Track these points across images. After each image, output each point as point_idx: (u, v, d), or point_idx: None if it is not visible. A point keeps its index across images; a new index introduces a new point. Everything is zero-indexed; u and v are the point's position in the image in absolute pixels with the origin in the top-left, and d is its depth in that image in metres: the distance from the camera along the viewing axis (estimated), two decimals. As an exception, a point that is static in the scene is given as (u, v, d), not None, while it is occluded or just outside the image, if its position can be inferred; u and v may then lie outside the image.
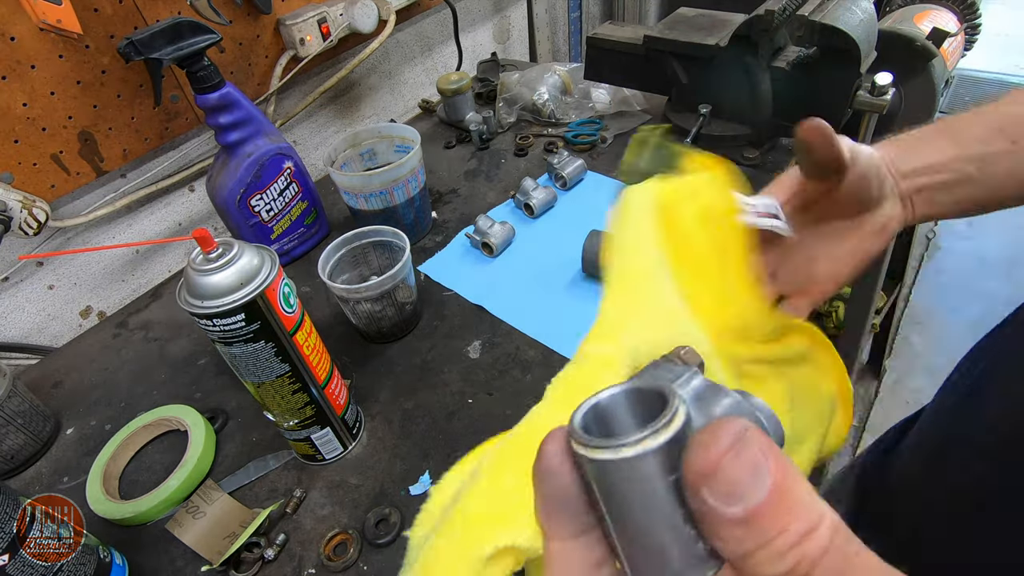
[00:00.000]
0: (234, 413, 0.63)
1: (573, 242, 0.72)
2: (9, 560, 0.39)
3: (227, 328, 0.43)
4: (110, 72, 0.72)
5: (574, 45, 1.55)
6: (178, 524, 0.52)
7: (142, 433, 0.61)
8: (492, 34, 1.33)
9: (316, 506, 0.53)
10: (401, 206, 0.76)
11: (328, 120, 1.04)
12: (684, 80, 0.86)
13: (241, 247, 0.43)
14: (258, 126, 0.72)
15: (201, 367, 0.69)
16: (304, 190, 0.79)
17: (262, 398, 0.49)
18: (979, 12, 1.18)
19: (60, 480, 0.59)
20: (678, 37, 0.83)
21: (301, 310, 0.48)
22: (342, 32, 0.91)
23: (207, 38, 0.64)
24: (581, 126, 0.98)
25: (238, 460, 0.58)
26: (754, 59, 0.77)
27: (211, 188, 0.74)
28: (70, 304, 0.79)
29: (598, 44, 0.93)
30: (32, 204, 0.68)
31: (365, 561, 0.49)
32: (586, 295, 0.69)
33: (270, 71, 0.88)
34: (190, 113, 0.81)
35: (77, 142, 0.72)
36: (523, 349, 0.64)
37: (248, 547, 0.50)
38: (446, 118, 1.07)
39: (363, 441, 0.58)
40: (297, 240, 0.81)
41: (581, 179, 0.88)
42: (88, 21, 0.68)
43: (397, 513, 0.51)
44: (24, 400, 0.61)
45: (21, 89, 0.66)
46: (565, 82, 1.05)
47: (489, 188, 0.91)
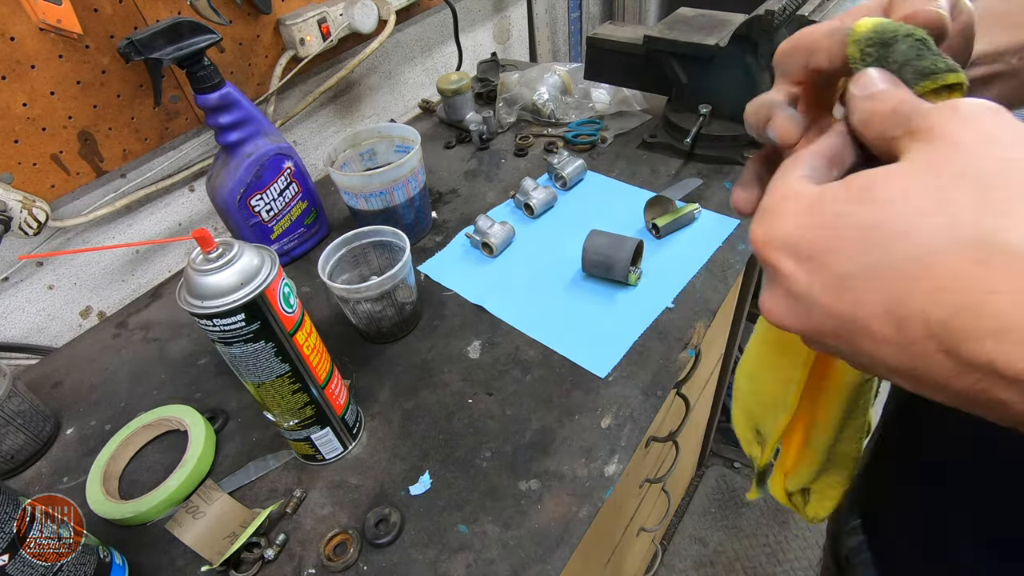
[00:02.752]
0: (234, 413, 0.63)
1: (573, 242, 0.72)
2: (9, 560, 0.39)
3: (227, 328, 0.43)
4: (110, 72, 0.72)
5: (574, 45, 1.55)
6: (178, 524, 0.52)
7: (142, 433, 0.61)
8: (492, 34, 1.33)
9: (316, 506, 0.54)
10: (401, 206, 0.76)
11: (328, 120, 1.04)
12: (684, 80, 0.86)
13: (241, 247, 0.43)
14: (258, 126, 0.72)
15: (201, 367, 0.69)
16: (304, 190, 0.79)
17: (262, 398, 0.49)
18: (979, 12, 1.17)
19: (60, 480, 0.59)
20: (678, 37, 0.83)
21: (301, 310, 0.48)
22: (342, 32, 0.91)
23: (207, 38, 0.64)
24: (581, 126, 0.98)
25: (238, 460, 0.58)
26: (754, 59, 0.77)
27: (211, 188, 0.74)
28: (70, 304, 0.79)
29: (598, 44, 0.93)
30: (32, 204, 0.68)
31: (365, 561, 0.49)
32: (586, 295, 0.70)
33: (270, 71, 0.88)
34: (190, 113, 0.81)
35: (77, 142, 0.72)
36: (523, 349, 0.64)
37: (248, 547, 0.50)
38: (446, 118, 1.07)
39: (363, 441, 0.58)
40: (297, 240, 0.81)
41: (581, 179, 0.88)
42: (88, 21, 0.68)
43: (397, 513, 0.51)
44: (24, 400, 0.61)
45: (21, 89, 0.66)
46: (565, 82, 1.05)
47: (489, 188, 0.91)
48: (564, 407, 0.58)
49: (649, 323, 0.65)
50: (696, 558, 1.40)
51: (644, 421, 0.56)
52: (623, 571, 1.03)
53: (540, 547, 0.48)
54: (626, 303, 0.68)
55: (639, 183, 0.85)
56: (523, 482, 0.52)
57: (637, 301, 0.68)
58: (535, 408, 0.58)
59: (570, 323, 0.66)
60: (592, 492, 0.51)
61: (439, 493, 0.53)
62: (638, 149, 0.93)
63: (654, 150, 0.92)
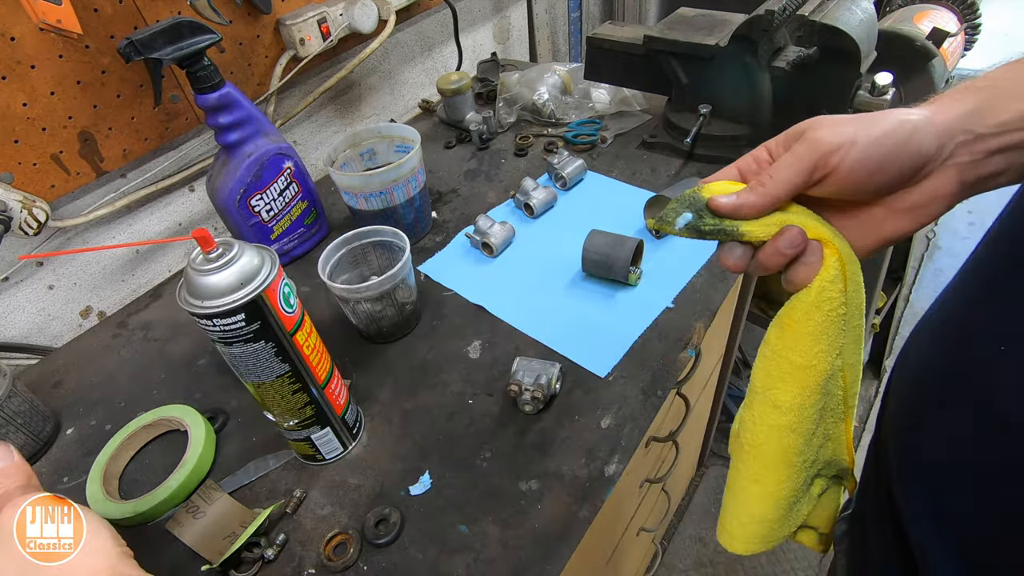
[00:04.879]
0: (234, 413, 0.63)
1: (573, 242, 0.72)
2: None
3: (227, 328, 0.43)
4: (110, 72, 0.72)
5: (574, 45, 1.55)
6: (178, 524, 0.52)
7: (142, 433, 0.61)
8: (492, 34, 1.33)
9: (316, 506, 0.53)
10: (401, 206, 0.76)
11: (328, 120, 1.04)
12: (684, 80, 0.86)
13: (241, 247, 0.43)
14: (258, 126, 0.72)
15: (201, 367, 0.69)
16: (304, 190, 0.79)
17: (262, 398, 0.49)
18: (979, 12, 1.18)
19: (60, 480, 0.59)
20: (678, 37, 0.83)
21: (301, 310, 0.48)
22: (342, 32, 0.91)
23: (207, 38, 0.64)
24: (581, 126, 0.98)
25: (238, 460, 0.58)
26: (754, 59, 0.77)
27: (211, 188, 0.74)
28: (70, 304, 0.79)
29: (598, 44, 0.93)
30: (32, 204, 0.68)
31: (365, 561, 0.49)
32: (586, 295, 0.70)
33: (270, 71, 0.88)
34: (190, 113, 0.81)
35: (77, 142, 0.72)
36: (523, 349, 0.64)
37: (248, 547, 0.50)
38: (446, 118, 1.07)
39: (363, 441, 0.58)
40: (297, 240, 0.81)
41: (581, 179, 0.88)
42: (88, 21, 0.68)
43: (397, 513, 0.51)
44: (24, 400, 0.61)
45: (21, 89, 0.66)
46: (565, 82, 1.05)
47: (489, 188, 0.91)
48: (564, 407, 0.58)
49: (649, 323, 0.65)
50: (696, 558, 1.40)
51: (644, 421, 0.56)
52: (623, 571, 1.03)
53: (540, 547, 0.48)
54: (626, 303, 0.68)
55: (639, 183, 0.85)
56: (523, 482, 0.52)
57: (637, 301, 0.68)
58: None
59: (570, 323, 0.66)
60: (592, 492, 0.51)
61: (439, 493, 0.53)
62: (638, 149, 0.93)
63: (654, 150, 0.92)
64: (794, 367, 0.37)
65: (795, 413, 0.38)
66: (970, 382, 0.33)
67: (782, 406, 0.38)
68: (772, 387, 0.39)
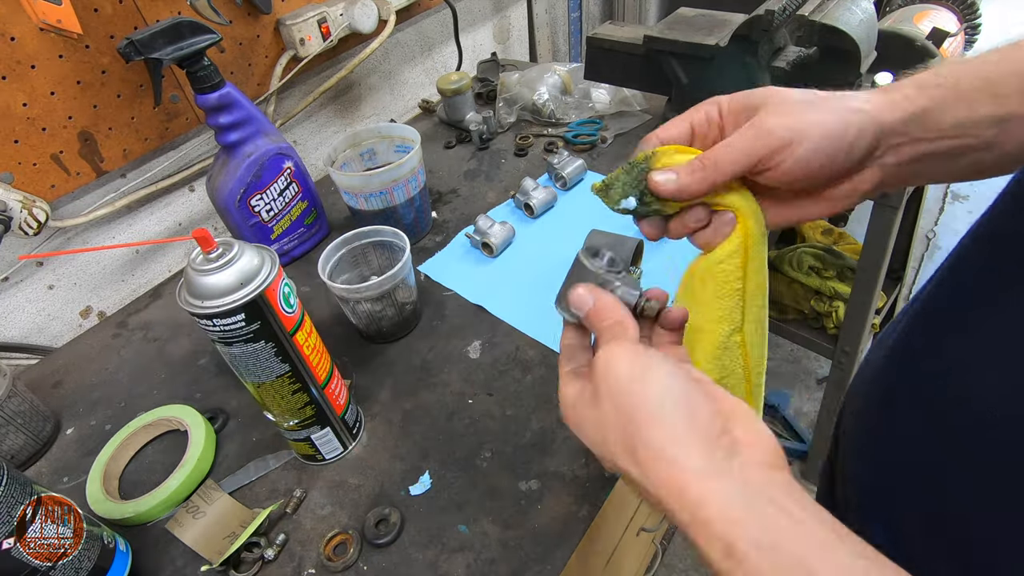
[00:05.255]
0: (234, 413, 0.63)
1: (573, 242, 0.72)
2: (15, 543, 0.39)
3: (227, 328, 0.43)
4: (110, 72, 0.72)
5: (574, 45, 1.55)
6: (178, 524, 0.52)
7: (142, 433, 0.61)
8: (492, 34, 1.33)
9: (316, 506, 0.53)
10: (401, 206, 0.76)
11: (328, 120, 1.04)
12: (684, 80, 0.86)
13: (241, 247, 0.43)
14: (258, 126, 0.72)
15: (201, 367, 0.69)
16: (304, 190, 0.79)
17: (262, 398, 0.49)
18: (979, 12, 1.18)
19: (60, 480, 0.59)
20: (678, 37, 0.83)
21: (301, 310, 0.48)
22: (342, 32, 0.91)
23: (207, 38, 0.64)
24: (581, 126, 0.98)
25: (238, 460, 0.58)
26: (754, 59, 0.77)
27: (211, 188, 0.74)
28: (70, 304, 0.79)
29: (598, 44, 0.93)
30: (32, 204, 0.68)
31: (365, 561, 0.49)
32: (586, 295, 0.69)
33: (270, 71, 0.88)
34: (190, 113, 0.81)
35: (77, 142, 0.72)
36: (523, 349, 0.64)
37: (248, 547, 0.50)
38: (446, 118, 1.07)
39: (363, 441, 0.58)
40: (297, 240, 0.81)
41: (581, 179, 0.88)
42: (88, 21, 0.68)
43: (397, 513, 0.51)
44: (24, 400, 0.61)
45: (21, 89, 0.66)
46: (565, 82, 1.05)
47: (489, 188, 0.91)
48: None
49: (649, 323, 0.65)
50: (696, 558, 1.40)
51: (644, 421, 0.56)
52: (623, 571, 1.03)
53: (540, 547, 0.48)
54: (626, 303, 0.68)
55: (639, 183, 0.85)
56: (523, 482, 0.52)
57: (637, 301, 0.67)
58: (535, 408, 0.58)
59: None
60: (592, 492, 0.51)
61: (439, 493, 0.53)
62: (638, 149, 0.93)
63: (654, 150, 0.92)
64: (690, 327, 0.37)
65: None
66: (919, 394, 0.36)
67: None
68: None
